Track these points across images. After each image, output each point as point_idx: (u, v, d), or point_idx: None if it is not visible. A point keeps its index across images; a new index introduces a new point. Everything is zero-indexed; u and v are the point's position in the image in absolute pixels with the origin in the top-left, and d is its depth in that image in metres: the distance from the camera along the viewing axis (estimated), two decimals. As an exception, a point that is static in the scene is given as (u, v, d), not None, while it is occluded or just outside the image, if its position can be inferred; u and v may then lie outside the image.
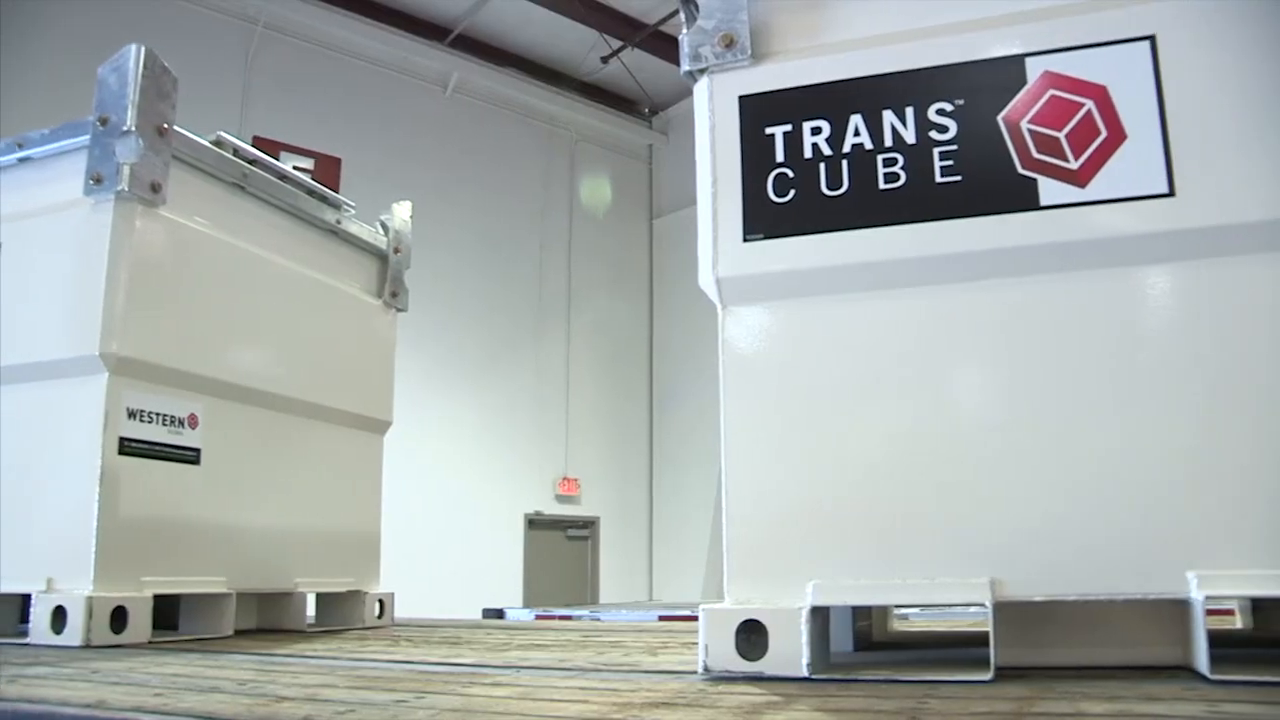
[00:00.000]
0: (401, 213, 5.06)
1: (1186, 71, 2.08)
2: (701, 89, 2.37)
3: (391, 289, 4.91)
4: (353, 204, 4.72)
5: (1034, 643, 2.18)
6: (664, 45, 17.01)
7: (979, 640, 1.97)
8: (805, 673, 2.02)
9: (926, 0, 2.28)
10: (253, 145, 4.30)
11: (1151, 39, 2.09)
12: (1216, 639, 1.91)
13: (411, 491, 12.30)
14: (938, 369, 2.16)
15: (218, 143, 3.97)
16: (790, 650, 2.04)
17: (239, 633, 3.73)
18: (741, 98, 2.32)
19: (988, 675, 1.93)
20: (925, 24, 2.26)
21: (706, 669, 2.10)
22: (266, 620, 4.13)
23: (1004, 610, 2.02)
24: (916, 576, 2.07)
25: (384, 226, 4.97)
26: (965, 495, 2.08)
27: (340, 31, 15.72)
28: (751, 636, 2.07)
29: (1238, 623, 2.98)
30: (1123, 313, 2.08)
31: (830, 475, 2.17)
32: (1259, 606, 2.79)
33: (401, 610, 4.78)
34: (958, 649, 2.48)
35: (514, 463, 16.81)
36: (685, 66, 2.39)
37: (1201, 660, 1.88)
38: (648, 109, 19.67)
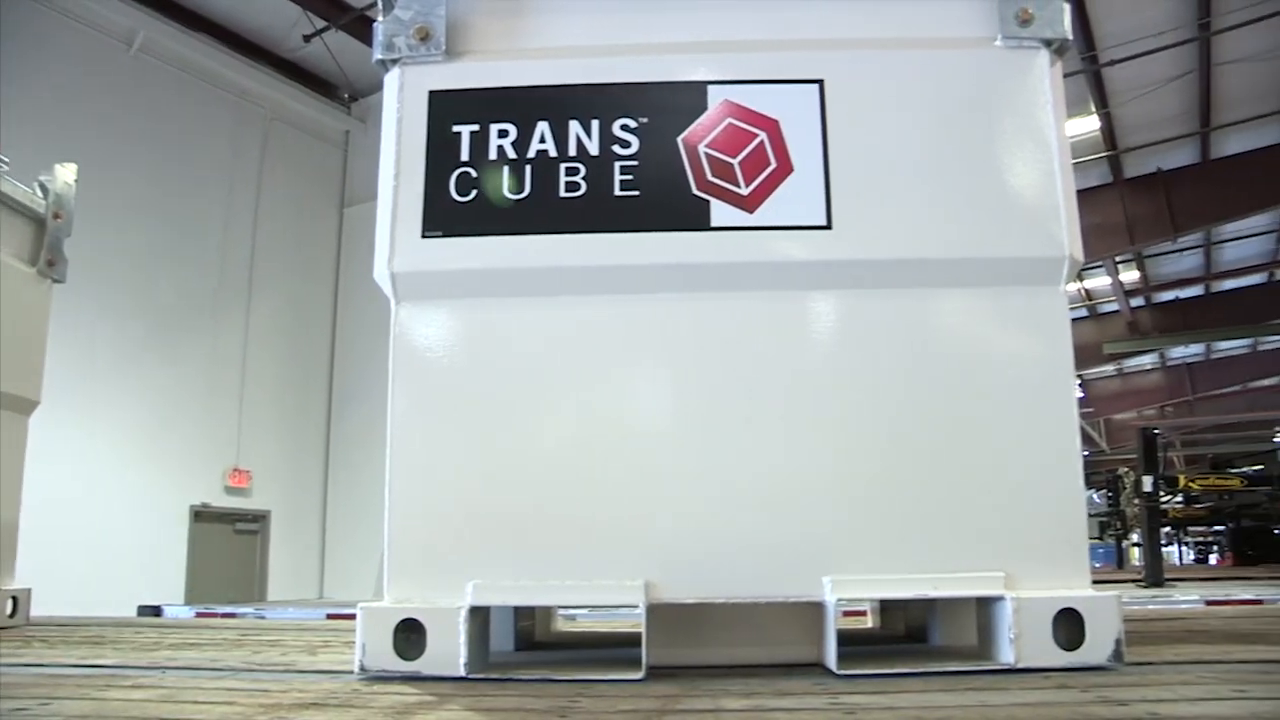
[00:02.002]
0: (65, 175, 4.60)
1: (848, 117, 2.25)
2: (392, 79, 2.32)
3: (48, 257, 4.46)
4: (5, 159, 4.27)
5: (689, 643, 2.29)
6: (369, 30, 16.49)
7: (638, 640, 2.04)
8: (463, 672, 2.01)
9: (621, 19, 2.34)
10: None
11: (820, 83, 2.25)
12: (848, 638, 2.07)
13: (63, 479, 11.31)
14: (608, 377, 2.22)
15: None
16: (449, 650, 2.03)
17: None
18: (432, 93, 2.29)
19: (639, 675, 2.00)
20: (619, 41, 2.32)
21: (363, 668, 2.05)
22: None
23: (660, 611, 2.10)
24: (575, 578, 2.11)
25: (43, 189, 4.51)
26: (626, 501, 2.15)
27: (7, -35, 14.21)
28: (411, 636, 2.05)
29: (869, 622, 3.24)
30: (784, 334, 2.22)
31: (496, 476, 2.18)
32: (886, 607, 3.03)
33: (45, 609, 4.36)
34: (617, 649, 2.54)
35: (181, 452, 15.78)
36: (378, 55, 2.33)
37: (831, 657, 2.05)
38: (348, 94, 19.07)
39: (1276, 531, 17.18)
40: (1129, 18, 13.59)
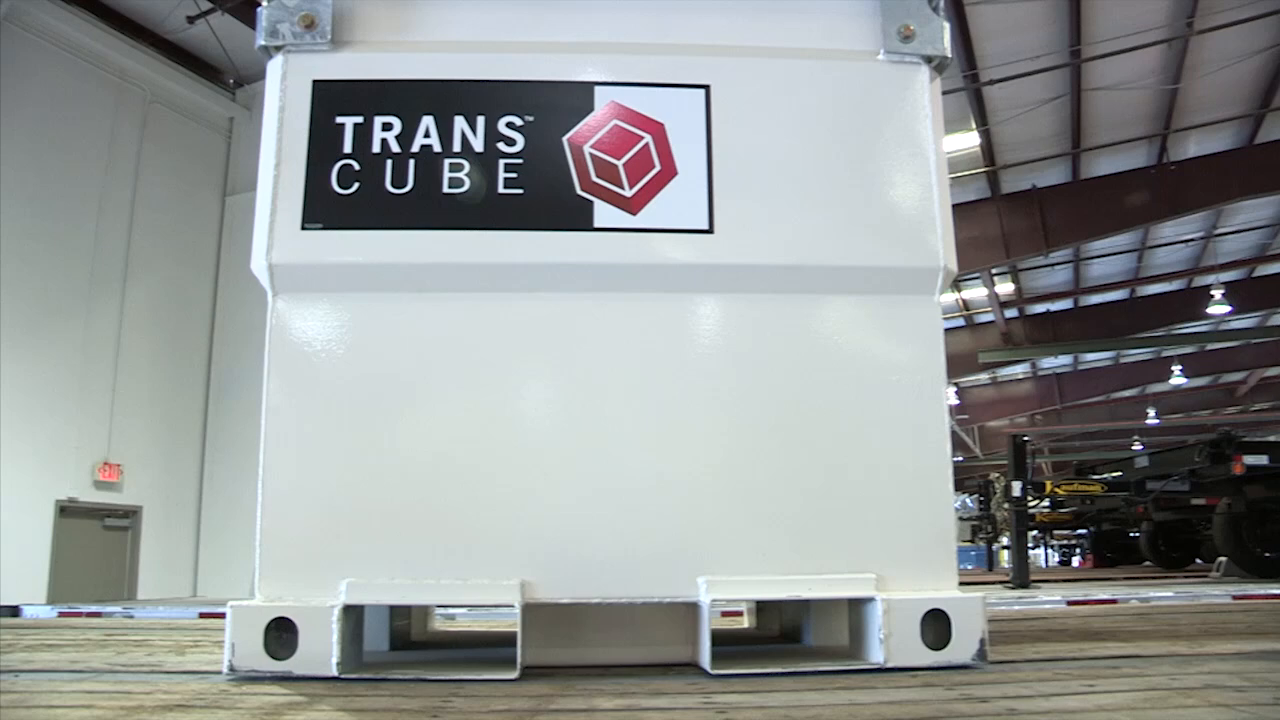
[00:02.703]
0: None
1: (734, 123, 2.28)
2: (275, 67, 2.27)
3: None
4: None
5: (566, 642, 2.29)
6: (255, 14, 16.04)
7: (515, 640, 2.03)
8: (335, 672, 1.98)
9: (511, 16, 2.33)
10: None
11: (707, 88, 2.28)
12: (724, 638, 2.10)
13: (-88, 470, 10.74)
14: (489, 375, 2.20)
15: None
16: (321, 649, 1.99)
17: None
18: (316, 82, 2.25)
19: (514, 674, 1.99)
20: (507, 38, 2.31)
21: (232, 669, 2.00)
22: None
23: (536, 611, 2.10)
24: (452, 577, 2.09)
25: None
26: (504, 501, 2.14)
27: None
28: (282, 635, 2.01)
29: (746, 623, 3.28)
30: (666, 336, 2.24)
31: (373, 473, 2.14)
32: (763, 608, 3.08)
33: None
34: (494, 649, 2.53)
35: (47, 444, 15.11)
36: (261, 41, 2.28)
37: (705, 657, 2.06)
38: (233, 80, 18.53)
39: (1133, 535, 17.91)
40: (1008, 40, 14.06)
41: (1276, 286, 23.96)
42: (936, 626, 2.08)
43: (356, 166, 2.19)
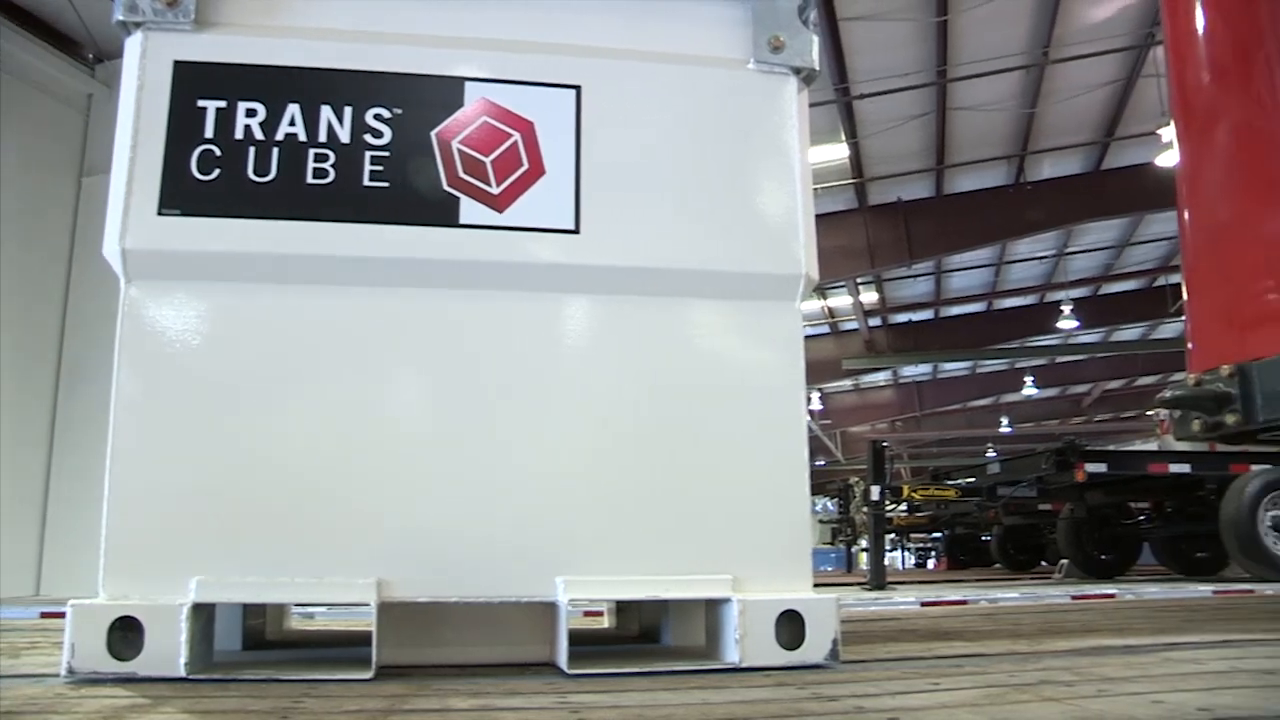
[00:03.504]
0: None
1: (603, 124, 2.29)
2: (134, 44, 2.19)
3: None
4: None
5: (425, 642, 2.27)
6: (116, -12, 15.40)
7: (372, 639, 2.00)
8: (183, 673, 1.91)
9: (383, 6, 2.29)
10: None
11: (578, 89, 2.28)
12: (582, 638, 2.10)
13: None
14: (350, 371, 2.17)
15: None
16: (168, 649, 1.93)
17: None
18: (177, 63, 2.17)
19: (368, 674, 1.96)
20: (379, 29, 2.27)
21: (71, 671, 1.91)
22: None
23: (394, 610, 2.07)
24: (307, 575, 2.05)
25: None
26: (362, 497, 2.11)
27: None
28: (128, 635, 1.93)
29: (606, 623, 3.30)
30: (530, 335, 2.23)
31: (229, 468, 2.08)
32: (623, 608, 3.09)
33: None
34: (351, 648, 2.49)
35: (-126, 434, 14.27)
36: (119, 15, 2.18)
37: (562, 657, 2.07)
38: (93, 55, 17.76)
39: (984, 538, 18.58)
40: (879, 57, 14.45)
41: (1119, 304, 25.25)
42: (791, 627, 2.13)
43: (218, 152, 2.13)
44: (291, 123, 2.16)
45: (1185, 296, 4.02)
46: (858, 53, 14.31)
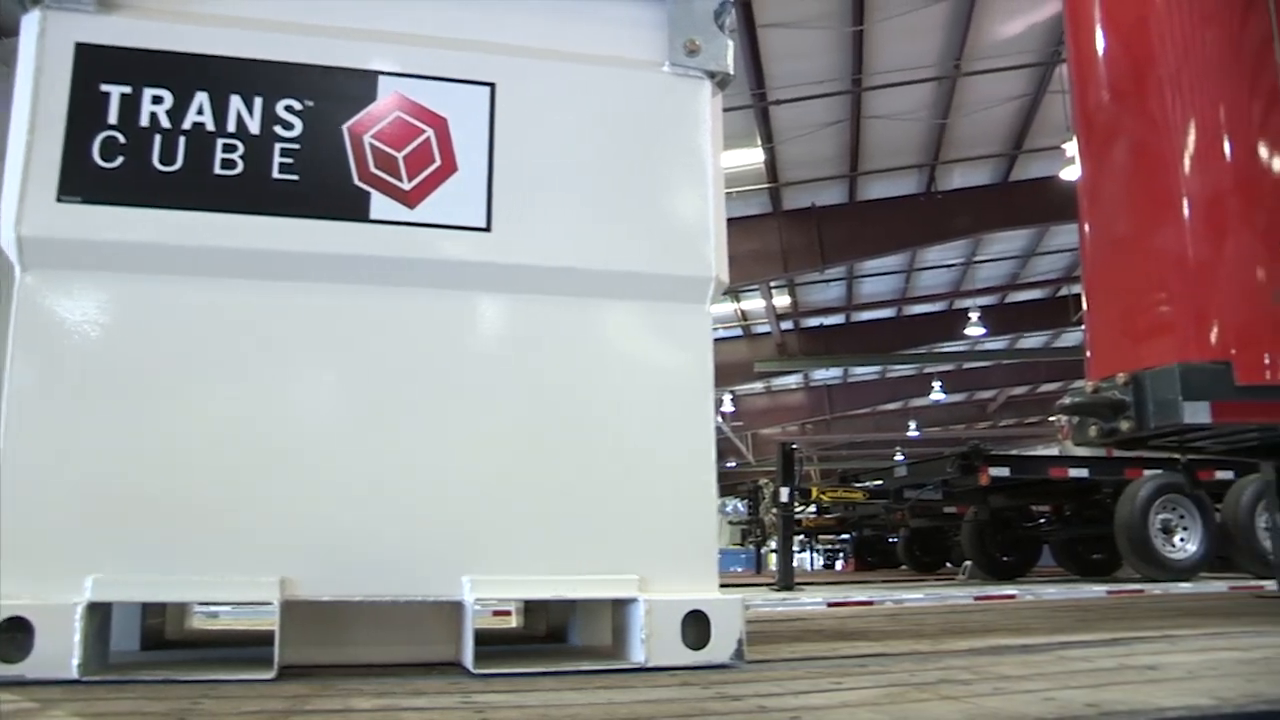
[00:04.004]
0: None
1: (517, 123, 2.28)
2: (31, 23, 2.10)
3: None
4: None
5: (330, 641, 2.23)
6: (17, -35, 14.90)
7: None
8: (76, 674, 1.85)
9: (299, -4, 2.25)
10: None
11: (493, 86, 2.27)
12: (489, 638, 2.09)
13: None
14: (255, 365, 2.12)
15: None
16: (60, 650, 1.86)
17: None
18: (79, 45, 2.10)
19: (270, 674, 1.92)
20: (292, 19, 2.23)
21: (-49, 675, 1.84)
22: None
23: (298, 609, 2.03)
24: (208, 573, 2.01)
25: None
26: (266, 494, 2.07)
27: None
28: (16, 636, 1.86)
29: (514, 622, 3.29)
30: (440, 333, 2.21)
31: (129, 463, 2.02)
32: (531, 608, 3.09)
33: None
34: (254, 648, 2.44)
35: None
36: None
37: (468, 656, 2.05)
38: (-10, 34, 17.21)
39: (892, 540, 18.91)
40: (795, 64, 14.63)
41: (1024, 312, 25.91)
42: (697, 627, 2.14)
43: (122, 139, 2.07)
44: (199, 111, 2.11)
45: (1085, 307, 4.15)
46: (775, 59, 14.47)
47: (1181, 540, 9.94)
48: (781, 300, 24.14)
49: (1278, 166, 3.51)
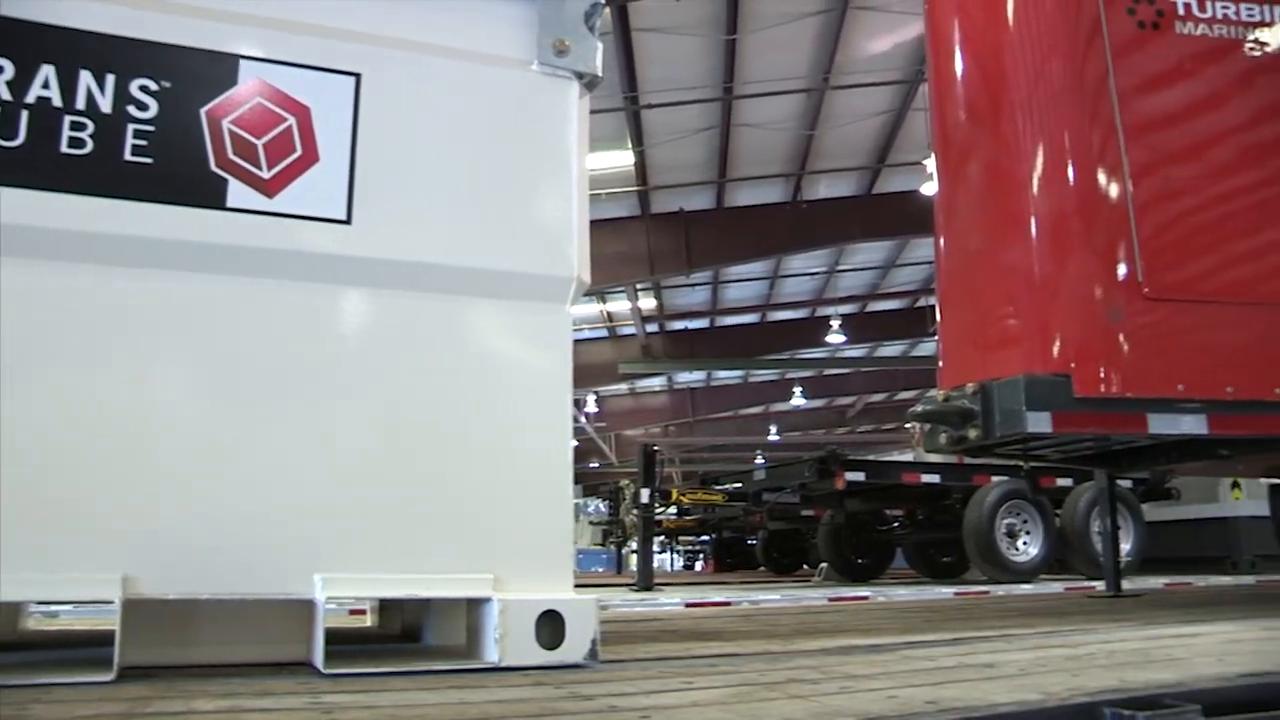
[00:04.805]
0: None
1: (382, 115, 2.24)
2: None
3: None
4: None
5: (177, 641, 2.16)
6: None
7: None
8: (-113, 679, 1.75)
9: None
10: None
11: (358, 77, 2.23)
12: (342, 637, 2.04)
13: None
14: (105, 354, 2.02)
15: None
16: None
17: None
18: (-89, 9, 1.99)
19: (109, 676, 1.85)
20: (153, -4, 2.14)
21: None
22: None
23: (142, 608, 1.95)
24: (44, 570, 1.91)
25: None
26: (113, 489, 1.98)
27: None
28: None
29: (370, 621, 3.23)
30: (297, 326, 2.16)
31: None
32: (386, 607, 3.04)
33: None
34: (96, 648, 2.34)
35: None
36: None
37: (318, 656, 2.01)
38: None
39: (750, 542, 19.24)
40: (668, 69, 14.76)
41: (884, 321, 26.66)
42: (551, 627, 2.14)
43: (-46, 110, 1.96)
44: (45, 85, 2.01)
45: (938, 318, 4.30)
46: (649, 63, 14.57)
47: (1024, 544, 10.40)
48: (647, 302, 24.31)
49: (1114, 192, 3.70)
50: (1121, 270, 3.64)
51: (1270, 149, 3.95)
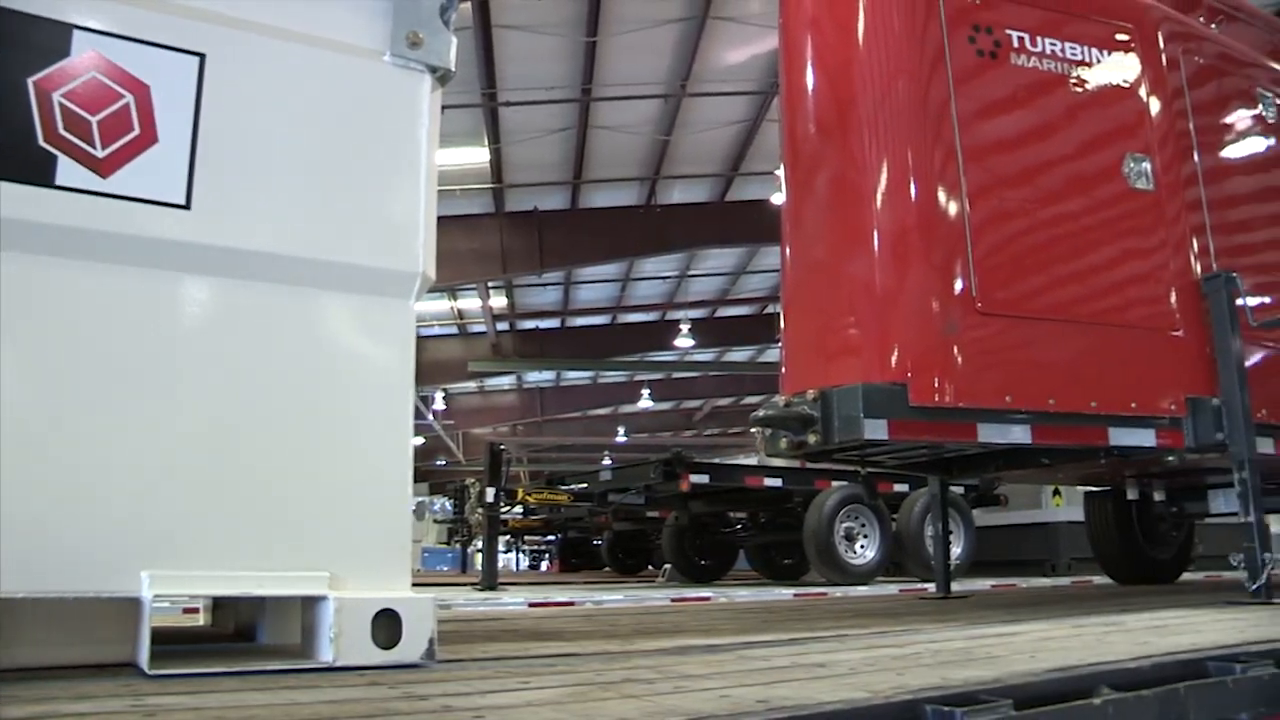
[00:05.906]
0: None
1: (226, 99, 2.16)
2: None
3: None
4: None
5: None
6: None
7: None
8: None
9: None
10: None
11: (203, 57, 2.14)
12: (170, 636, 1.96)
13: None
14: (-91, 337, 1.90)
15: None
16: None
17: None
18: None
19: (-99, 683, 1.74)
20: (-25, -46, 2.02)
21: None
22: None
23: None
24: None
25: None
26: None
27: None
28: None
29: (202, 620, 3.13)
30: (130, 313, 2.05)
31: None
32: (220, 606, 2.95)
33: None
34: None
35: None
36: None
37: (144, 656, 1.93)
38: None
39: (596, 542, 19.33)
40: (527, 67, 14.72)
41: (732, 327, 27.17)
42: (388, 626, 2.11)
43: None
44: None
45: (782, 325, 4.41)
46: (508, 61, 14.50)
47: (862, 547, 10.74)
48: (498, 301, 24.18)
49: (953, 211, 3.86)
50: (958, 285, 3.81)
51: (1091, 180, 4.20)
